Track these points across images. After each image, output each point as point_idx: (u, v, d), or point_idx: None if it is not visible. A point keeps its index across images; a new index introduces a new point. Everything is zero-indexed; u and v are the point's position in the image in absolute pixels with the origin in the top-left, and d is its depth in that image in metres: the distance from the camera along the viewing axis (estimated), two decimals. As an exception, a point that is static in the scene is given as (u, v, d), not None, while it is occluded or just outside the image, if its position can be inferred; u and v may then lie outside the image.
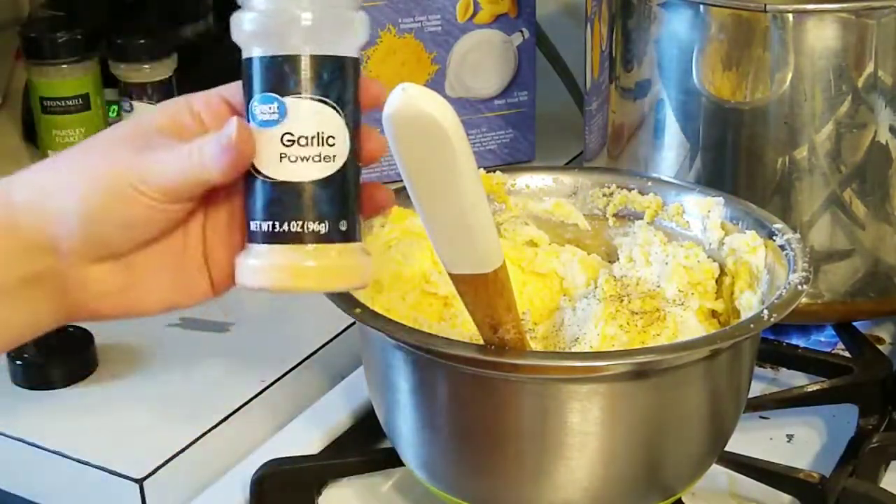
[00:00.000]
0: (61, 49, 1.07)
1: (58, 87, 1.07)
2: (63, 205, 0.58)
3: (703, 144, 0.85)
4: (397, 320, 0.67)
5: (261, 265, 0.59)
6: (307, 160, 0.58)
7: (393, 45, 1.06)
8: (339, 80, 0.58)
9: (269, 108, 0.58)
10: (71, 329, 0.86)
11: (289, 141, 0.58)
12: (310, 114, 0.58)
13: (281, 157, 0.58)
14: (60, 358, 0.83)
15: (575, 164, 1.08)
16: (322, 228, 0.58)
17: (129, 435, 0.79)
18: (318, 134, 0.58)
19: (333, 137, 0.58)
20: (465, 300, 0.64)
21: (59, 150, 1.08)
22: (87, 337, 0.85)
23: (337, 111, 0.58)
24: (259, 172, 0.58)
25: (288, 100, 0.58)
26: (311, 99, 0.58)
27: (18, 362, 0.83)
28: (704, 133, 0.85)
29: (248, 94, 0.58)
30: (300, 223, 0.58)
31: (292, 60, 0.57)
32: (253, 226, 0.59)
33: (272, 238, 0.58)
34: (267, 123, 0.58)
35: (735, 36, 0.81)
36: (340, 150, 0.58)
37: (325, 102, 0.58)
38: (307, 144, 0.58)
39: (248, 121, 0.58)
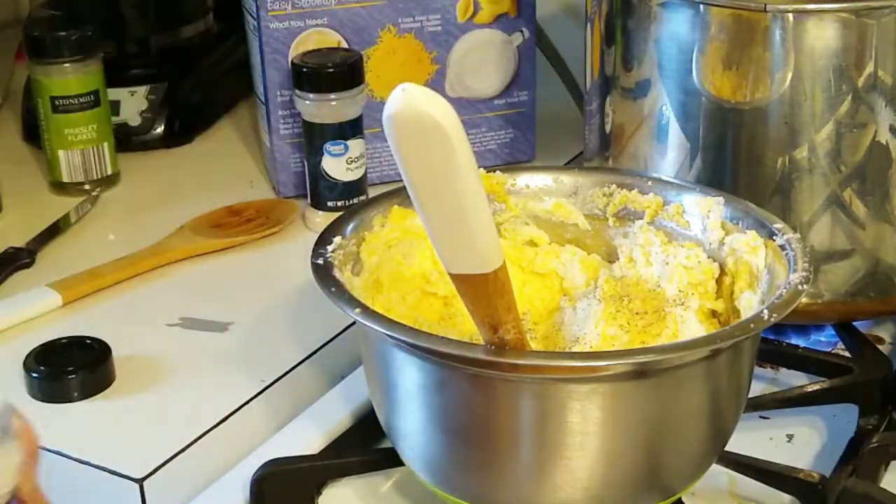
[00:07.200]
0: (74, 47, 1.06)
1: (71, 85, 1.07)
2: None
3: (703, 144, 0.85)
4: (397, 320, 0.67)
5: None
6: None
7: (393, 45, 1.06)
8: None
9: None
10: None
11: None
12: None
13: None
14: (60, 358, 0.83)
15: (575, 164, 1.08)
16: None
17: (129, 435, 0.79)
18: None
19: None
20: (465, 300, 0.64)
21: (71, 150, 1.08)
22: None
23: None
24: None
25: None
26: None
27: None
28: (704, 133, 0.85)
29: None
30: None
31: None
32: None
33: None
34: None
35: (735, 36, 0.81)
36: None
37: None
38: None
39: None
